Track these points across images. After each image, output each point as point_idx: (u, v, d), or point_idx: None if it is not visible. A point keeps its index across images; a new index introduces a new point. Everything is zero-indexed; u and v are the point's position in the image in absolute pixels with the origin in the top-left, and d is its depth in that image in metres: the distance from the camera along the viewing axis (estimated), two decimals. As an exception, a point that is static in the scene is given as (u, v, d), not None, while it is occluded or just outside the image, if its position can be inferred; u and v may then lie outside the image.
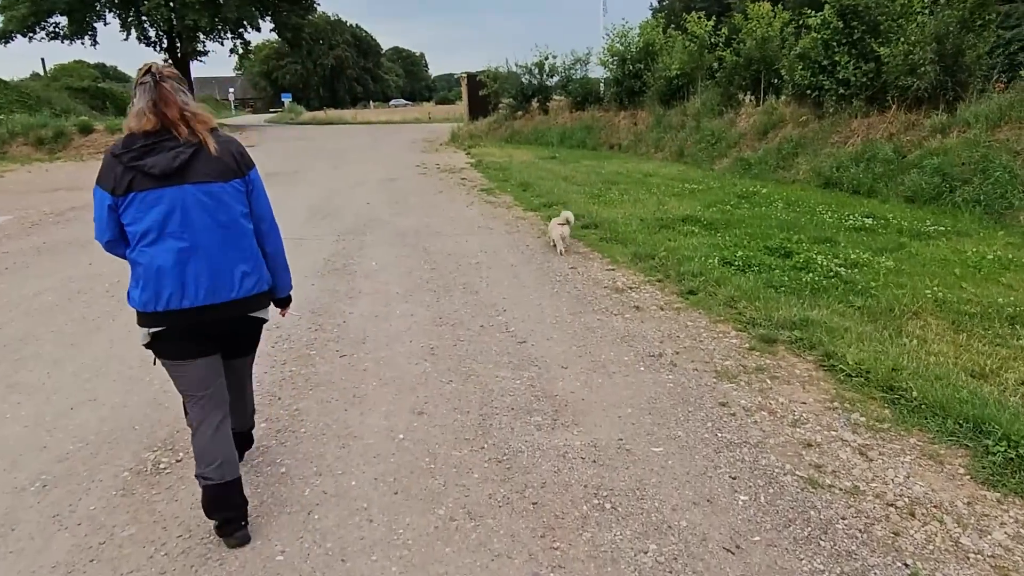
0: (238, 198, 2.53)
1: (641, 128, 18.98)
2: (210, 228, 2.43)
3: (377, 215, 9.90)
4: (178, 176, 2.37)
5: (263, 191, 2.70)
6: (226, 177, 2.48)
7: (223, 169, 2.47)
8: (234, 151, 2.55)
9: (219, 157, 2.45)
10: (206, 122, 2.50)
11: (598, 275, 6.39)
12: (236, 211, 2.51)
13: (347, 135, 30.86)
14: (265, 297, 2.67)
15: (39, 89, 32.52)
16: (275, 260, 2.75)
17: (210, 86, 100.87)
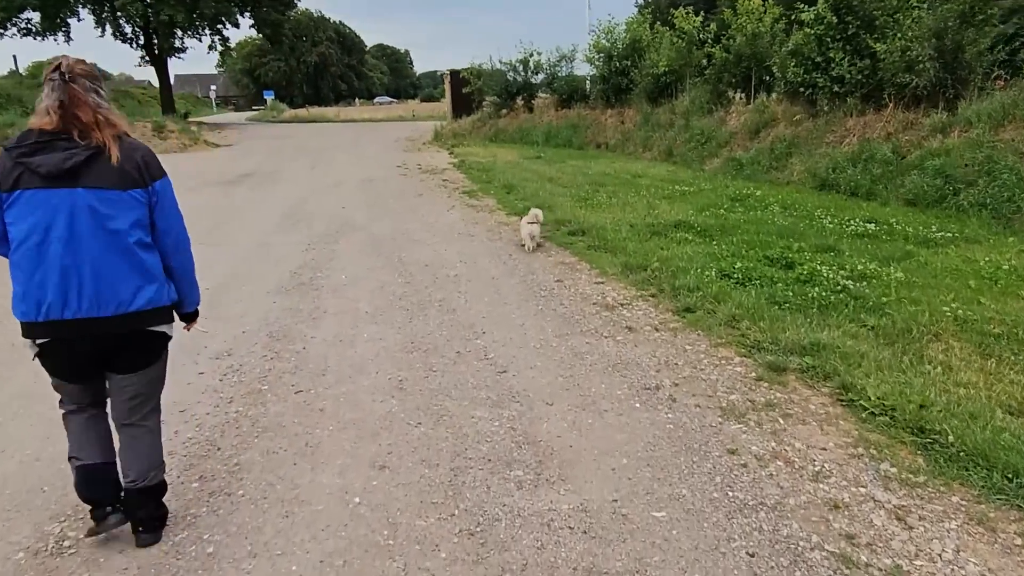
0: (136, 208, 2.38)
1: (629, 127, 18.52)
2: (99, 237, 2.31)
3: (352, 220, 9.35)
4: (69, 179, 2.25)
5: (172, 203, 2.54)
6: (125, 186, 2.34)
7: (122, 177, 2.33)
8: (139, 159, 2.40)
9: (119, 164, 2.32)
10: (115, 126, 2.38)
11: (586, 289, 5.89)
12: (131, 221, 2.37)
13: (328, 134, 30.20)
14: (164, 312, 2.54)
15: (10, 87, 31.56)
16: (181, 275, 2.63)
17: (192, 83, 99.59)
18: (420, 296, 5.74)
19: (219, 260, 7.15)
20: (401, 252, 7.38)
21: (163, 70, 40.83)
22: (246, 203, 11.15)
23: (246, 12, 39.41)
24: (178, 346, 4.58)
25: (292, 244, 7.86)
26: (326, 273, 6.52)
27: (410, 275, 6.43)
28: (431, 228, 8.71)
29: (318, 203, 10.99)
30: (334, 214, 9.89)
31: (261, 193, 12.25)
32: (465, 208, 10.22)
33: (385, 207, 10.40)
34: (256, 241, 8.10)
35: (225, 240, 8.22)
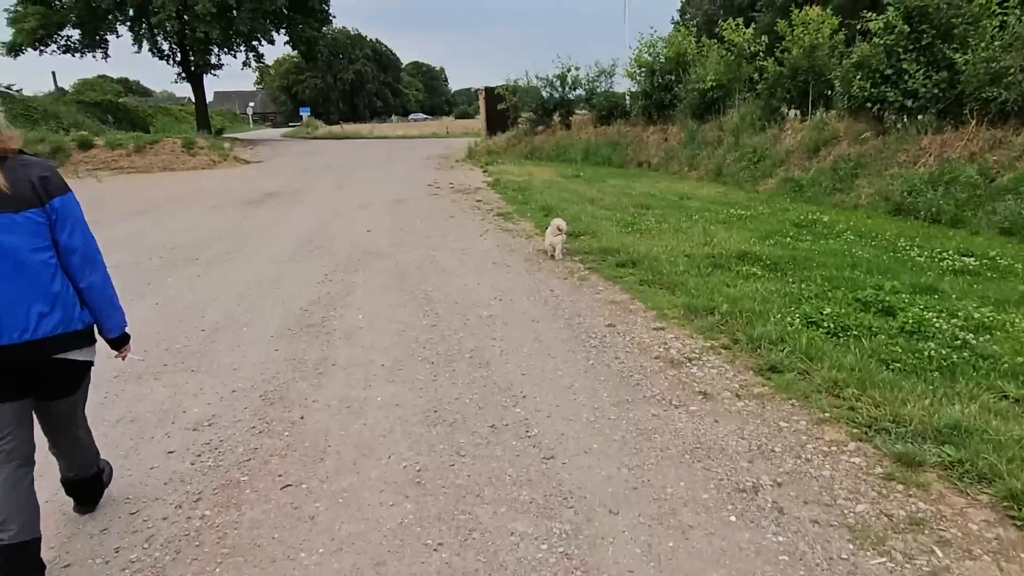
0: (33, 229, 2.28)
1: (672, 144, 17.56)
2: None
3: (376, 246, 8.54)
4: None
5: (77, 220, 2.41)
6: (17, 207, 2.24)
7: (14, 198, 2.23)
8: (34, 177, 2.29)
9: (4, 185, 2.20)
10: (3, 145, 2.23)
11: (644, 336, 4.96)
12: (28, 244, 2.26)
13: (361, 151, 29.73)
14: (76, 338, 2.41)
15: (47, 103, 31.80)
16: (94, 297, 2.48)
17: (231, 100, 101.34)
18: (447, 344, 4.86)
19: (222, 293, 6.38)
20: (428, 285, 6.53)
21: (199, 87, 40.98)
22: (265, 225, 10.44)
23: (281, 29, 39.37)
24: (154, 410, 3.85)
25: (307, 274, 7.06)
26: (340, 312, 5.68)
27: (437, 315, 5.56)
28: (462, 256, 7.86)
29: (341, 226, 10.23)
30: (357, 239, 9.10)
31: (282, 214, 11.54)
32: (500, 233, 9.36)
33: (413, 231, 9.59)
34: (268, 270, 7.33)
35: (234, 268, 7.46)
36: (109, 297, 2.53)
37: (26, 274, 2.25)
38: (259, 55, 40.72)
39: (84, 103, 38.32)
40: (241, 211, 11.97)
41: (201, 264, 7.68)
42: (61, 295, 2.34)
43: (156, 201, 13.70)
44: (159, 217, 11.39)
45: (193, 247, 8.67)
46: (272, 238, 9.29)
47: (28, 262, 2.25)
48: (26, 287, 2.25)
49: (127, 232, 9.82)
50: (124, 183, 17.78)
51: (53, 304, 2.31)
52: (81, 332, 2.43)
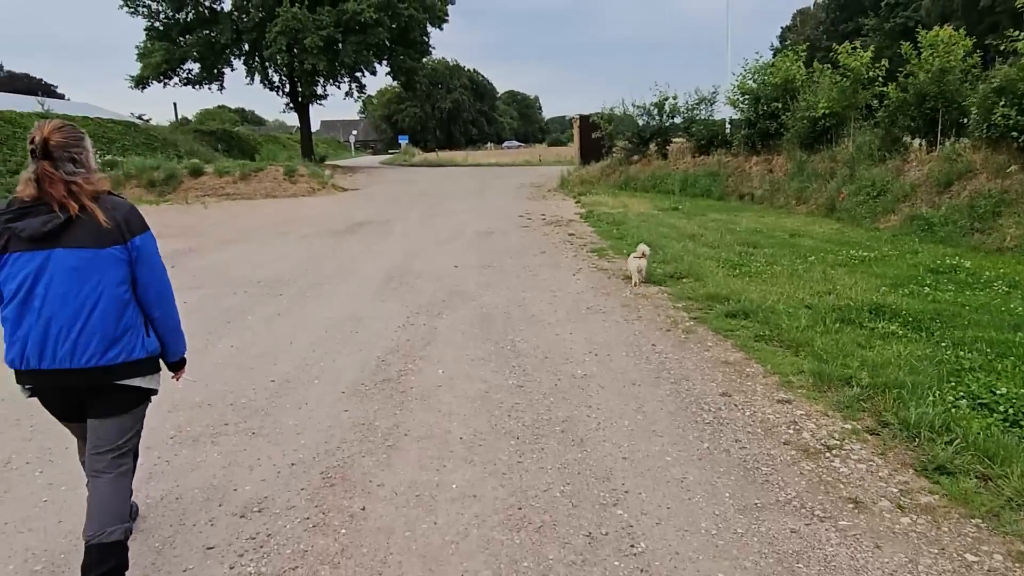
0: (115, 265, 2.47)
1: (778, 176, 16.45)
2: (76, 293, 2.40)
3: (462, 285, 8.07)
4: (49, 240, 2.37)
5: (153, 257, 2.59)
6: (102, 243, 2.43)
7: (100, 235, 2.42)
8: (120, 217, 2.48)
9: (98, 223, 2.41)
10: (93, 188, 2.47)
11: (767, 411, 4.18)
12: (109, 277, 2.45)
13: (453, 178, 29.84)
14: (138, 366, 2.56)
15: (167, 131, 33.72)
16: (163, 327, 2.68)
17: (335, 128, 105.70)
18: (536, 411, 4.24)
19: (299, 336, 6.02)
20: (515, 334, 5.96)
21: (305, 116, 42.65)
22: (352, 258, 10.20)
23: (383, 60, 40.46)
24: (203, 486, 3.38)
25: (388, 317, 6.63)
26: (419, 365, 5.17)
27: (524, 372, 4.97)
28: (554, 299, 7.27)
29: (429, 260, 9.86)
30: (443, 275, 8.67)
31: (370, 246, 11.32)
32: (594, 272, 8.72)
33: (502, 269, 9.08)
34: (349, 310, 6.96)
35: (315, 307, 7.14)
36: (175, 326, 2.74)
37: (105, 305, 2.44)
38: (361, 85, 42.00)
39: (200, 132, 40.56)
40: (331, 241, 11.85)
41: (283, 301, 7.42)
42: (131, 326, 2.52)
43: (251, 229, 13.86)
44: (251, 247, 11.39)
45: (278, 281, 8.48)
46: (357, 273, 9.00)
47: (108, 294, 2.45)
48: (101, 316, 2.44)
49: (217, 262, 9.79)
50: (227, 210, 18.27)
51: (122, 334, 2.49)
52: (143, 361, 2.58)
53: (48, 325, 2.39)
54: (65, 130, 2.48)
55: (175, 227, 14.29)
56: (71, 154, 2.46)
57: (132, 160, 22.36)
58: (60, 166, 2.42)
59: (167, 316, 2.68)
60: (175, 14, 35.80)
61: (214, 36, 35.93)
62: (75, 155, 2.47)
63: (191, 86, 38.40)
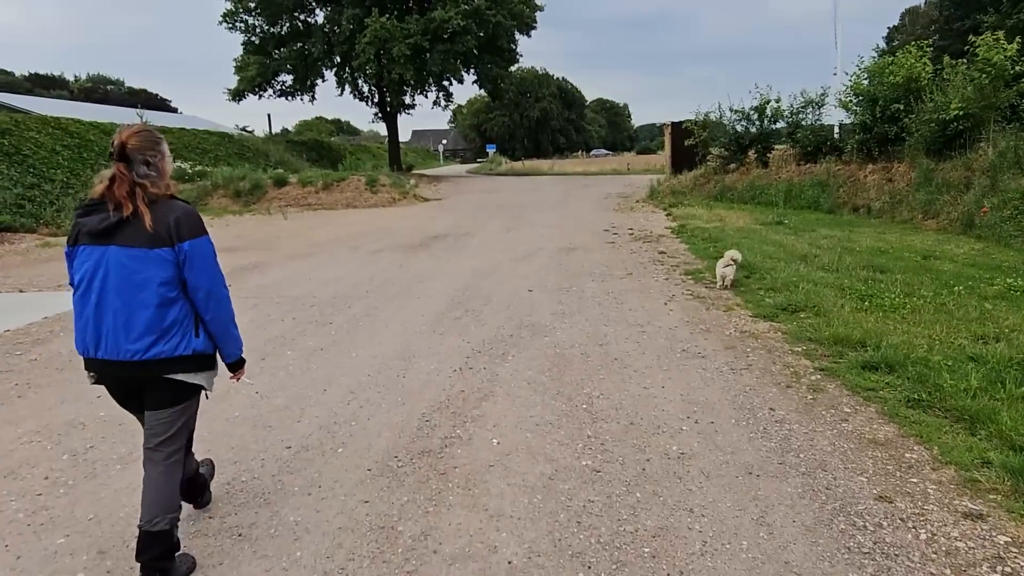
0: (163, 265, 2.57)
1: (899, 186, 14.59)
2: (126, 289, 2.54)
3: (535, 315, 7.03)
4: (106, 237, 2.53)
5: (204, 261, 2.66)
6: (153, 244, 2.54)
7: (151, 236, 2.53)
8: (172, 220, 2.57)
9: (149, 225, 2.52)
10: (157, 191, 2.59)
11: (953, 536, 2.91)
12: (157, 276, 2.56)
13: (537, 188, 28.89)
14: (183, 362, 2.66)
15: (259, 142, 34.40)
16: (215, 329, 2.75)
17: (426, 138, 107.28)
18: (616, 516, 3.12)
19: (336, 380, 5.13)
20: (593, 386, 4.86)
21: (393, 125, 42.88)
22: (418, 276, 9.34)
23: (470, 68, 40.11)
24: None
25: (444, 357, 5.66)
26: (470, 430, 4.14)
27: (602, 447, 3.86)
28: (641, 336, 6.12)
29: (500, 281, 8.87)
30: (515, 301, 7.65)
31: (440, 264, 10.45)
32: (689, 301, 7.49)
33: (582, 294, 7.98)
34: (401, 345, 6.03)
35: (365, 340, 6.26)
36: (228, 330, 2.78)
37: (149, 302, 2.55)
38: (448, 94, 41.79)
39: (292, 142, 41.39)
40: (400, 257, 11.07)
41: (331, 331, 6.59)
42: (178, 324, 2.62)
43: (324, 242, 13.31)
44: (316, 263, 10.75)
45: (333, 304, 7.69)
46: (420, 296, 8.11)
47: (154, 291, 2.55)
48: (147, 313, 2.55)
49: (278, 279, 9.15)
50: (305, 220, 17.96)
51: (167, 330, 2.59)
52: (189, 357, 2.67)
53: (102, 317, 2.56)
54: (142, 135, 2.61)
55: (249, 239, 13.94)
56: (145, 157, 2.58)
57: (220, 170, 22.57)
58: (134, 168, 2.56)
59: (217, 319, 2.73)
60: (270, 28, 36.64)
61: (307, 49, 36.54)
62: (149, 158, 2.59)
63: (284, 97, 39.28)
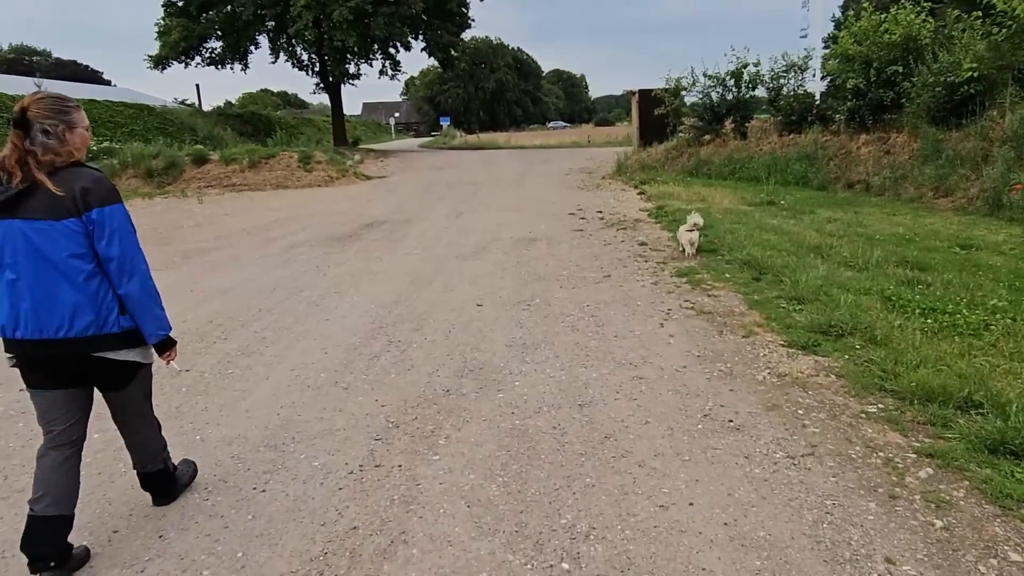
0: (71, 237, 2.43)
1: (900, 159, 12.89)
2: (35, 264, 2.41)
3: (485, 348, 5.04)
4: (9, 210, 2.38)
5: (115, 231, 2.49)
6: (58, 215, 2.41)
7: (56, 207, 2.40)
8: (78, 189, 2.42)
9: (53, 194, 2.39)
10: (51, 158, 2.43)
11: None
12: (67, 249, 2.43)
13: (493, 163, 26.69)
14: (111, 339, 2.55)
15: (184, 115, 31.37)
16: (131, 305, 2.57)
17: (378, 111, 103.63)
18: None
19: (119, 517, 3.08)
20: (576, 512, 2.90)
21: (336, 97, 39.94)
22: (336, 284, 7.26)
23: (418, 35, 37.40)
24: None
25: (339, 440, 3.64)
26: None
27: None
28: (638, 387, 4.19)
29: (443, 288, 6.85)
30: (459, 323, 5.65)
31: (371, 262, 8.36)
32: (692, 318, 5.58)
33: (548, 308, 6.01)
34: (271, 422, 3.96)
35: (215, 412, 4.17)
36: (145, 305, 2.59)
37: (62, 277, 2.43)
38: (396, 63, 38.97)
39: (226, 115, 38.21)
40: (321, 255, 8.92)
41: (182, 386, 4.49)
42: (94, 299, 2.48)
43: (233, 233, 11.06)
44: (212, 264, 8.55)
45: (204, 334, 5.58)
46: (332, 316, 6.04)
47: (64, 267, 2.43)
48: (62, 289, 2.44)
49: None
50: (223, 205, 15.55)
51: (85, 306, 2.46)
52: (118, 335, 2.56)
53: (16, 296, 2.42)
54: (46, 101, 2.45)
55: (145, 229, 11.53)
56: (44, 125, 2.41)
57: (130, 147, 19.86)
58: (31, 135, 2.40)
59: (131, 295, 2.55)
60: (194, -13, 33.28)
61: (236, 11, 33.34)
62: (49, 127, 2.41)
63: (214, 66, 35.96)
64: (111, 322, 2.52)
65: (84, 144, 2.55)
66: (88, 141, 2.59)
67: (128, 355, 2.60)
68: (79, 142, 2.51)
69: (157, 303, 2.64)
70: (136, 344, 2.62)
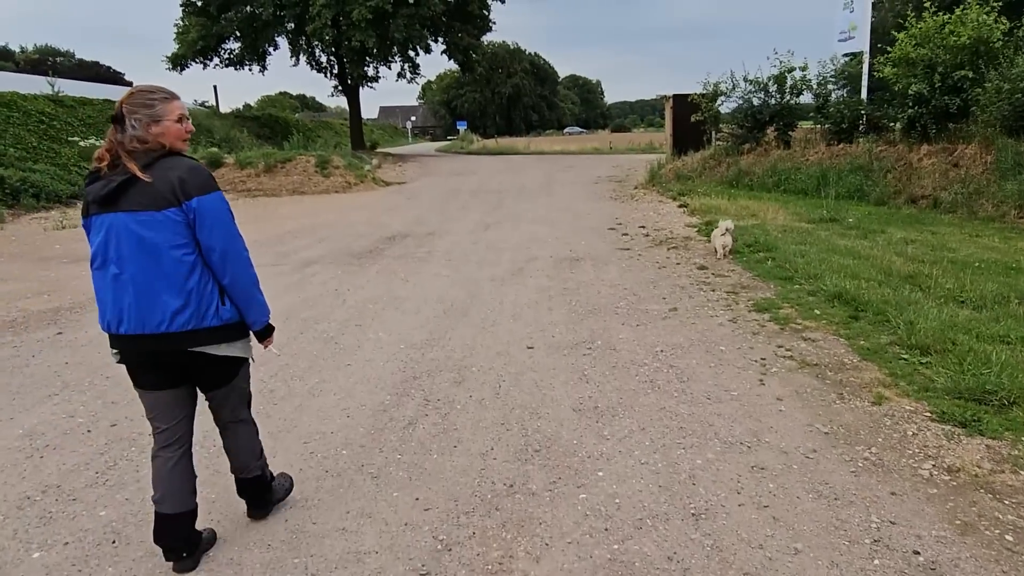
0: (173, 227, 2.38)
1: (971, 172, 11.75)
2: (138, 257, 2.37)
3: (546, 414, 3.99)
4: (111, 203, 2.37)
5: (216, 219, 2.44)
6: (159, 205, 2.36)
7: (155, 197, 2.36)
8: (175, 178, 2.38)
9: (152, 185, 2.35)
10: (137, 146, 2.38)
11: None
12: (168, 241, 2.37)
13: (515, 169, 25.68)
14: (213, 333, 2.49)
15: (201, 116, 30.54)
16: (235, 293, 2.53)
17: (394, 115, 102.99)
18: None
19: None
20: None
21: (354, 100, 39.11)
22: (356, 314, 6.27)
23: (438, 37, 36.50)
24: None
25: (373, 566, 2.62)
26: None
27: None
28: (757, 469, 3.16)
29: (482, 323, 5.82)
30: (508, 374, 4.62)
31: (395, 285, 7.37)
32: (795, 372, 4.52)
33: (614, 354, 4.97)
34: (288, 521, 2.98)
35: (208, 501, 3.17)
36: (249, 292, 2.56)
37: (163, 269, 2.37)
38: (415, 66, 38.08)
39: (243, 117, 37.41)
40: (339, 275, 7.94)
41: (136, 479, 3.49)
42: (195, 291, 2.42)
43: (244, 246, 10.09)
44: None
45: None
46: (356, 358, 5.03)
47: (166, 258, 2.37)
48: (164, 282, 2.37)
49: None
50: (235, 212, 14.49)
51: (187, 300, 2.40)
52: (218, 328, 2.49)
53: (119, 290, 2.39)
54: (133, 96, 2.43)
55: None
56: (131, 119, 2.38)
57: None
58: (125, 129, 2.38)
59: (236, 283, 2.51)
60: (213, -14, 32.51)
61: (256, 11, 32.56)
62: (134, 120, 2.38)
63: (233, 67, 35.27)
64: (211, 315, 2.46)
65: (178, 135, 2.47)
66: (182, 132, 2.48)
67: (229, 350, 2.56)
68: (169, 133, 2.43)
69: (259, 289, 2.62)
70: (236, 338, 2.59)
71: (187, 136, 2.52)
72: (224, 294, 2.51)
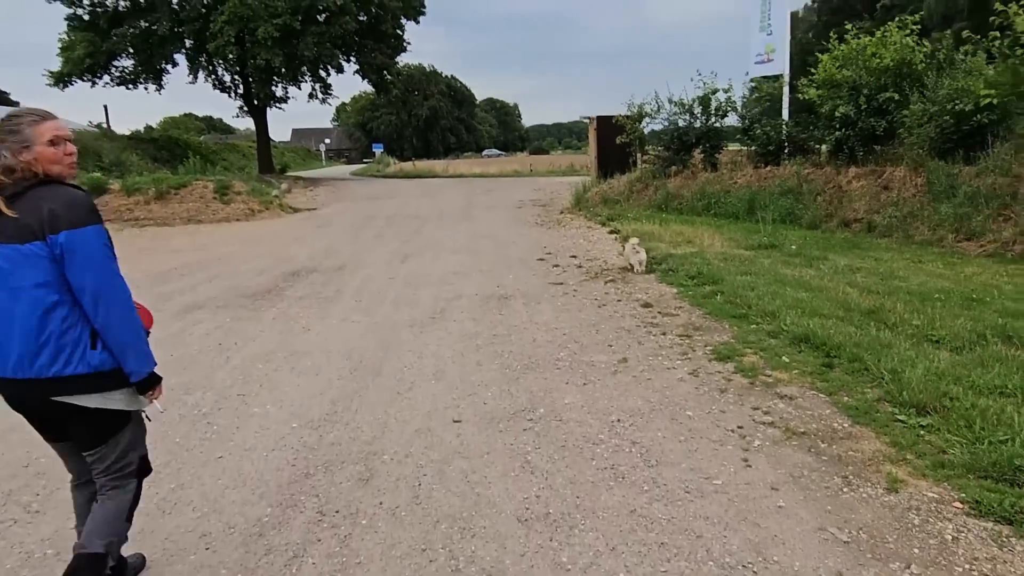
0: (35, 263, 2.14)
1: (902, 195, 11.54)
2: (4, 295, 2.15)
3: (488, 520, 3.00)
4: None
5: (86, 257, 2.16)
6: (23, 238, 2.13)
7: (21, 229, 2.12)
8: (45, 210, 2.13)
9: (17, 217, 2.12)
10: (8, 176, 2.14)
11: None
12: (31, 277, 2.14)
13: (433, 193, 24.66)
14: (81, 381, 2.19)
15: (89, 138, 28.12)
16: (109, 339, 2.22)
17: (307, 137, 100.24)
18: None
19: None
20: None
21: (262, 121, 37.29)
22: (242, 378, 5.11)
23: (351, 56, 35.23)
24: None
25: None
26: None
27: None
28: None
29: (395, 388, 4.77)
30: (431, 462, 3.61)
31: (293, 335, 6.21)
32: (778, 440, 3.69)
33: (562, 426, 4.02)
34: None
35: None
36: (126, 339, 2.25)
37: (32, 310, 2.15)
38: (326, 85, 36.61)
39: (138, 139, 34.91)
40: (227, 323, 6.70)
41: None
42: (56, 333, 2.17)
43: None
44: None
45: (12, 494, 3.35)
46: (231, 447, 3.88)
47: (28, 296, 2.15)
48: (33, 323, 2.15)
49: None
50: (118, 244, 12.92)
51: (45, 341, 2.16)
52: (87, 376, 2.21)
53: None
54: (2, 122, 2.20)
55: None
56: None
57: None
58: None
59: (109, 328, 2.21)
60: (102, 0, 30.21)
61: (152, 27, 30.43)
62: (3, 148, 2.14)
63: (125, 85, 32.82)
64: (76, 359, 2.18)
65: (52, 160, 2.19)
66: (58, 156, 2.20)
67: (104, 402, 2.24)
68: (43, 159, 2.17)
69: (140, 336, 2.31)
70: (112, 387, 2.26)
71: (66, 160, 2.22)
72: (97, 337, 2.22)
